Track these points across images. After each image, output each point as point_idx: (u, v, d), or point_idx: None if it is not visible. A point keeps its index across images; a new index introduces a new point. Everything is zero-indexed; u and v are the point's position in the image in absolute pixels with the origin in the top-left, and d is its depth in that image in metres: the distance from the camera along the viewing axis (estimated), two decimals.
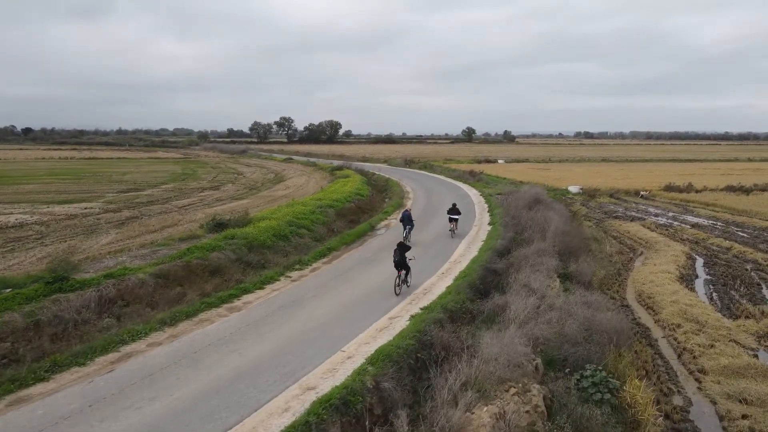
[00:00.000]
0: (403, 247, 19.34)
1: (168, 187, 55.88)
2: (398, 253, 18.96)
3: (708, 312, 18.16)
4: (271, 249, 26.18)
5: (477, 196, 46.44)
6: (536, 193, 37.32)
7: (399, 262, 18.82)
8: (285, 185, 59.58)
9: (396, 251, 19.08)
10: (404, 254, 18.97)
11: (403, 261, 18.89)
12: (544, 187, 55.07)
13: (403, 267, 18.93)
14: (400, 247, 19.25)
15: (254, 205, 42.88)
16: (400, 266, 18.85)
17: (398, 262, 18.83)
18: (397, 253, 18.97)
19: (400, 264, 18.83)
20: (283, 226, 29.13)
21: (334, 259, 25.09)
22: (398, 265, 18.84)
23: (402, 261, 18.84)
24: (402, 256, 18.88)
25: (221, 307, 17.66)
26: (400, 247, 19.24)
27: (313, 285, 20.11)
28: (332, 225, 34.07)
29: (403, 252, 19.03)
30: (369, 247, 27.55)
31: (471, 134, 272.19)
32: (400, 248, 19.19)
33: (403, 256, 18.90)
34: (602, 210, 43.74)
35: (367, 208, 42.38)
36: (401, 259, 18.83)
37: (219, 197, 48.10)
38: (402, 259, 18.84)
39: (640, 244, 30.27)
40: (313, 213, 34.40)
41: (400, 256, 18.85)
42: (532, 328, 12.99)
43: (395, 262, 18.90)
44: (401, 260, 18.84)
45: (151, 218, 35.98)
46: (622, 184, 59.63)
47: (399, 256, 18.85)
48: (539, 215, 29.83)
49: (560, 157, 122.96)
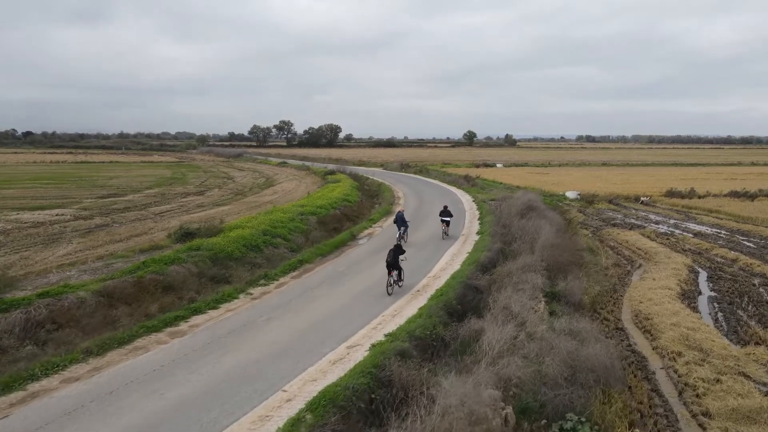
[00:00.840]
0: (398, 248, 19.56)
1: (151, 192, 53.98)
2: (392, 254, 19.12)
3: (713, 337, 16.10)
4: (239, 261, 24.21)
5: (469, 202, 44.41)
6: (529, 200, 35.29)
7: (391, 263, 18.93)
8: (273, 190, 57.65)
9: (390, 252, 19.25)
10: (398, 256, 19.17)
11: (396, 262, 19.02)
12: (540, 193, 53.04)
13: (395, 268, 19.05)
14: (395, 249, 19.41)
15: (236, 211, 40.95)
16: (392, 267, 18.94)
17: (390, 263, 18.93)
18: (391, 253, 19.13)
19: (392, 265, 18.92)
20: (256, 236, 27.20)
21: (305, 272, 23.09)
22: (390, 265, 18.93)
23: (394, 262, 18.98)
24: (395, 257, 19.05)
25: (163, 331, 15.66)
26: (395, 249, 19.42)
27: (273, 304, 18.11)
28: (312, 234, 32.10)
29: (397, 254, 19.22)
30: (345, 259, 25.55)
31: (472, 138, 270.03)
32: (394, 249, 19.36)
33: (396, 257, 19.08)
34: (600, 217, 41.68)
35: (353, 215, 40.41)
36: (394, 260, 18.96)
37: (201, 203, 46.16)
38: (395, 260, 18.99)
39: (638, 256, 28.19)
40: (292, 221, 32.45)
41: (393, 257, 18.99)
42: (506, 366, 10.96)
43: (387, 262, 19.01)
44: (394, 261, 18.96)
45: (122, 226, 34.04)
46: (622, 189, 57.56)
47: (392, 257, 18.99)
48: (530, 224, 27.83)
49: (560, 161, 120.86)
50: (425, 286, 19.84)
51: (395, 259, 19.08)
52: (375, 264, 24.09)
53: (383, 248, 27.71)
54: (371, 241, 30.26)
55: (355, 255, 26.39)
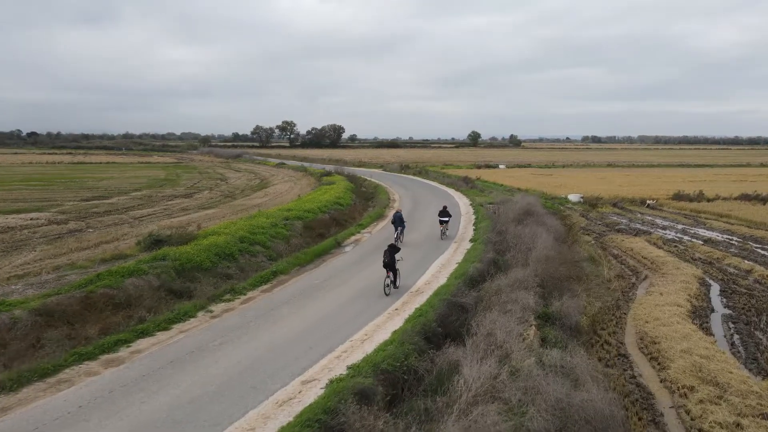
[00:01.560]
0: (393, 248, 19.32)
1: (138, 195, 52.15)
2: (388, 254, 18.95)
3: (730, 367, 13.98)
4: (208, 272, 22.24)
5: (466, 206, 42.32)
6: (528, 204, 33.17)
7: (388, 263, 18.82)
8: (265, 192, 55.72)
9: (386, 252, 19.09)
10: (393, 256, 18.98)
11: (392, 262, 18.90)
12: (541, 196, 50.90)
13: (392, 268, 18.96)
14: (390, 249, 19.23)
15: (221, 215, 39.05)
16: (389, 267, 18.87)
17: (387, 264, 18.83)
18: (387, 254, 18.97)
19: (389, 265, 18.85)
20: (231, 243, 25.25)
21: (277, 285, 21.09)
22: (387, 266, 18.85)
23: (391, 262, 18.86)
24: (391, 257, 18.88)
25: (98, 359, 13.68)
26: (390, 249, 19.23)
27: (232, 325, 16.11)
28: (295, 240, 30.11)
29: (393, 253, 19.01)
30: (324, 269, 23.53)
31: (476, 139, 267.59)
32: (390, 249, 19.18)
33: (392, 257, 18.90)
34: (604, 222, 39.48)
35: (343, 219, 38.38)
36: (390, 261, 18.84)
37: (187, 206, 44.27)
38: (391, 260, 18.85)
39: (644, 266, 26.04)
40: (274, 226, 30.48)
41: (389, 258, 18.85)
42: (480, 418, 8.90)
43: (384, 263, 18.89)
44: (390, 261, 18.84)
45: (96, 232, 32.17)
46: (628, 192, 55.29)
47: (389, 258, 18.85)
48: (527, 231, 25.75)
49: (564, 162, 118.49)
50: (405, 304, 17.79)
51: (392, 259, 18.89)
52: (355, 275, 22.08)
53: (368, 257, 25.76)
54: (357, 248, 28.24)
55: (336, 265, 24.38)
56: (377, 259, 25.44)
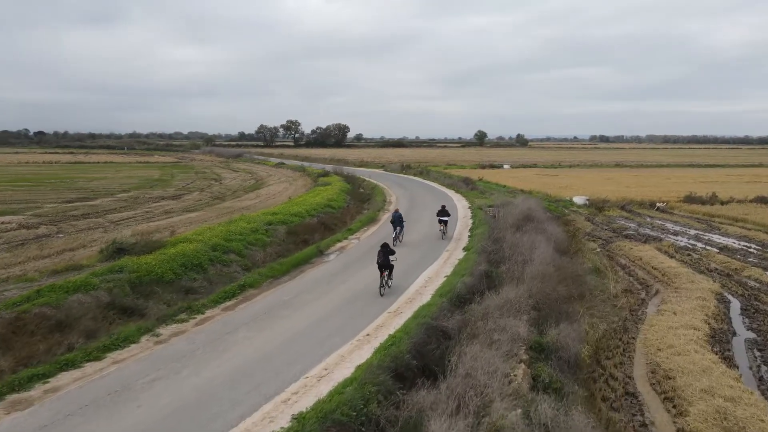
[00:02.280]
0: (386, 248, 19.21)
1: (125, 196, 50.11)
2: (382, 254, 18.88)
3: (761, 413, 11.54)
4: (169, 286, 20.07)
5: (464, 209, 39.96)
6: (528, 209, 30.77)
7: (382, 263, 18.76)
8: (257, 194, 53.56)
9: (380, 252, 19.03)
10: (388, 256, 18.93)
11: (387, 262, 18.85)
12: (545, 198, 48.45)
13: (386, 268, 18.92)
14: (384, 249, 19.11)
15: (204, 218, 36.90)
16: (384, 267, 18.81)
17: (381, 264, 18.77)
18: (381, 254, 18.91)
19: (384, 265, 18.79)
20: (202, 252, 23.10)
21: (244, 301, 18.86)
22: (381, 266, 18.79)
23: (385, 262, 18.81)
24: (386, 257, 18.83)
25: (5, 400, 11.47)
26: (383, 249, 19.11)
27: (175, 353, 13.88)
28: (276, 248, 27.90)
29: (387, 254, 18.95)
30: (299, 282, 21.27)
31: (482, 138, 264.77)
32: (383, 249, 19.07)
33: (386, 257, 18.86)
34: (610, 226, 36.98)
35: (333, 223, 36.11)
36: (385, 261, 18.79)
37: (171, 209, 42.15)
38: (386, 260, 18.80)
39: (655, 278, 23.59)
40: (254, 232, 28.32)
41: (383, 258, 18.79)
42: None
43: (378, 263, 18.85)
44: (385, 261, 18.79)
45: (65, 237, 30.08)
46: (636, 194, 52.65)
47: (383, 258, 18.79)
48: (525, 239, 23.40)
49: (571, 161, 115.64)
50: (379, 328, 15.48)
51: (386, 259, 18.84)
52: (333, 289, 19.81)
53: (351, 267, 23.50)
54: (341, 257, 25.97)
55: (315, 276, 22.10)
56: (361, 268, 23.27)
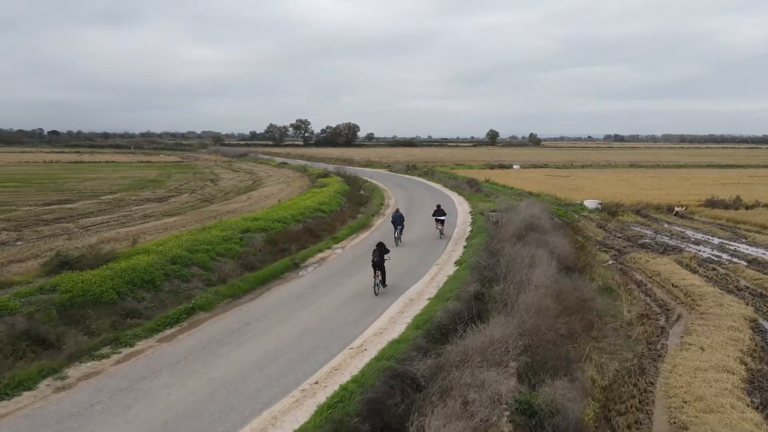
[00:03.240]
0: (382, 248, 19.10)
1: (109, 198, 47.58)
2: (377, 253, 18.81)
3: None
4: (108, 307, 17.34)
5: (464, 214, 36.88)
6: (532, 216, 27.59)
7: (377, 263, 18.68)
8: (248, 196, 50.79)
9: (375, 251, 18.94)
10: (383, 255, 18.85)
11: (381, 262, 18.78)
12: (554, 201, 45.16)
13: (380, 268, 18.78)
14: (379, 248, 19.01)
15: (182, 224, 34.17)
16: (378, 267, 18.71)
17: (376, 263, 18.69)
18: (376, 253, 18.82)
19: (378, 265, 18.69)
20: (157, 266, 20.40)
21: (189, 328, 16.03)
22: (376, 265, 18.70)
23: (380, 262, 18.74)
24: (381, 257, 18.76)
25: None
26: (379, 248, 19.01)
27: (70, 408, 11.03)
28: (250, 258, 25.07)
29: (382, 253, 18.88)
30: (262, 303, 18.37)
31: (494, 137, 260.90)
32: (379, 249, 18.96)
33: (381, 257, 18.78)
34: (625, 234, 33.65)
35: (321, 230, 33.22)
36: (380, 260, 18.71)
37: (152, 213, 39.47)
38: (380, 260, 18.74)
39: (676, 299, 20.36)
40: (226, 241, 25.58)
41: (379, 257, 18.71)
42: None
43: (373, 262, 18.75)
44: (379, 261, 18.71)
45: (21, 245, 27.43)
46: (653, 197, 49.10)
47: (378, 257, 18.71)
48: (526, 253, 20.31)
49: (584, 161, 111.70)
50: (333, 372, 12.49)
51: (381, 258, 18.75)
52: (292, 316, 16.88)
53: (324, 284, 20.58)
54: (318, 271, 23.04)
55: (279, 297, 19.20)
56: (336, 285, 20.33)
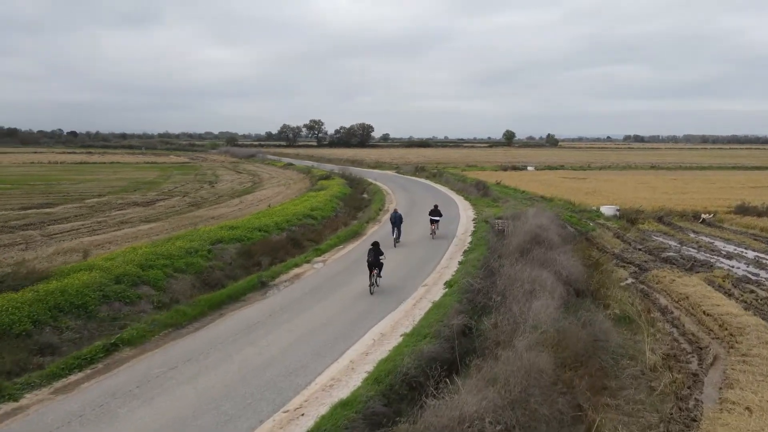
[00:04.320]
0: (377, 247, 19.08)
1: (94, 202, 45.01)
2: (372, 253, 18.89)
3: None
4: (19, 341, 14.48)
5: (467, 222, 33.52)
6: (540, 226, 24.17)
7: (372, 262, 18.77)
8: (241, 200, 47.91)
9: (370, 251, 19.05)
10: (378, 255, 18.89)
11: (377, 261, 18.84)
12: (567, 207, 41.55)
13: (376, 266, 18.86)
14: (375, 247, 19.06)
15: (156, 231, 31.37)
16: (374, 266, 18.79)
17: (372, 262, 18.77)
18: (371, 253, 18.91)
19: (374, 264, 18.77)
20: (94, 287, 17.66)
21: (104, 371, 13.04)
22: (371, 265, 18.78)
23: (375, 261, 18.80)
24: (376, 257, 18.83)
25: None
26: (374, 247, 19.07)
27: None
28: (216, 274, 22.12)
29: (377, 253, 18.92)
30: (204, 336, 15.30)
31: (510, 138, 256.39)
32: (374, 248, 19.02)
33: (377, 257, 18.84)
34: (646, 246, 30.00)
35: (307, 239, 30.19)
36: (375, 260, 18.79)
37: (131, 218, 36.73)
38: (375, 259, 18.81)
39: (710, 332, 16.84)
40: (190, 254, 22.73)
41: (374, 257, 18.79)
42: None
43: (368, 262, 18.88)
44: (375, 260, 18.79)
45: None
46: (676, 202, 45.23)
47: (373, 257, 18.80)
48: (527, 275, 16.97)
49: (602, 163, 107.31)
50: None
51: (376, 258, 18.85)
52: (234, 353, 13.74)
53: (290, 309, 17.39)
54: (287, 291, 19.91)
55: (231, 327, 16.09)
56: (303, 310, 17.14)
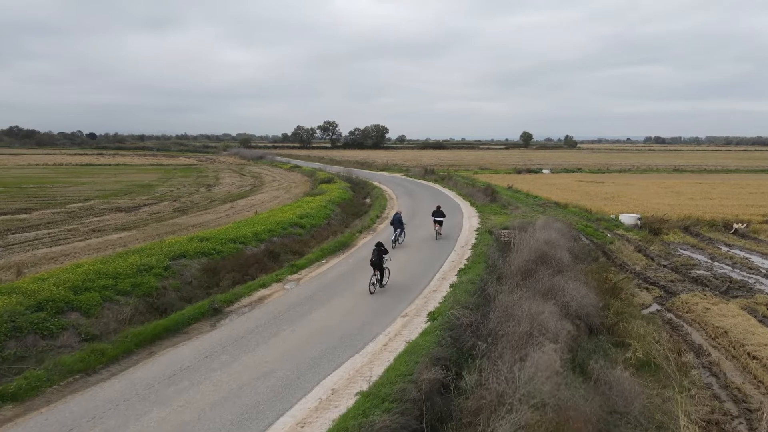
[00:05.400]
0: (381, 248, 18.74)
1: (78, 206, 42.40)
2: (376, 253, 18.55)
3: None
4: None
5: (470, 232, 30.08)
6: (548, 240, 20.73)
7: (375, 262, 18.48)
8: (232, 205, 44.96)
9: (374, 251, 18.67)
10: (381, 256, 18.58)
11: (380, 262, 18.55)
12: (583, 215, 37.90)
13: (379, 268, 18.59)
14: (378, 248, 18.69)
15: (126, 241, 28.59)
16: (376, 266, 18.52)
17: (374, 263, 18.49)
18: (375, 253, 18.57)
19: (376, 264, 18.50)
20: (6, 315, 14.59)
21: None
22: (374, 265, 18.50)
23: (378, 262, 18.51)
24: (380, 257, 18.52)
25: None
26: (378, 248, 18.70)
27: None
28: (165, 297, 19.02)
29: (381, 253, 18.58)
30: (115, 388, 12.14)
31: (527, 139, 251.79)
32: (378, 249, 18.67)
33: (380, 257, 18.53)
34: (672, 262, 26.35)
35: (290, 251, 27.07)
36: (378, 260, 18.49)
37: (104, 226, 33.95)
38: (379, 260, 18.51)
39: (758, 385, 13.35)
40: (142, 272, 19.71)
41: (377, 257, 18.48)
42: None
43: (372, 261, 18.57)
44: (378, 261, 18.49)
45: None
46: (703, 209, 41.32)
47: (377, 257, 18.48)
48: (525, 309, 13.62)
49: (622, 165, 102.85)
50: None
51: (380, 258, 18.51)
52: (141, 416, 10.51)
53: (237, 344, 14.12)
54: (242, 320, 16.68)
55: (150, 374, 12.92)
56: (249, 350, 13.58)
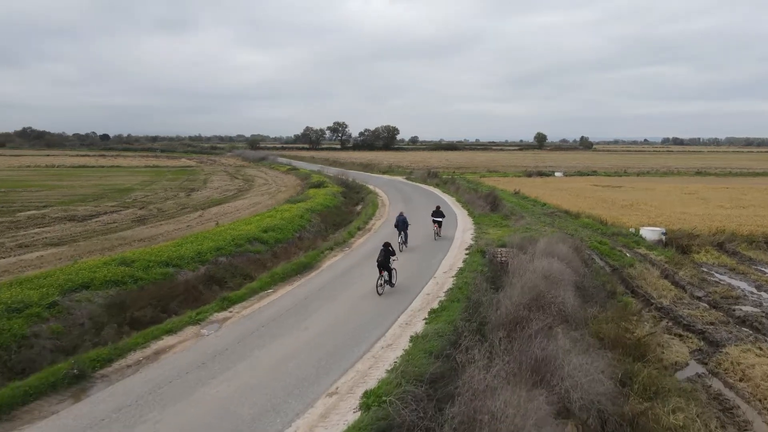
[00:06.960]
0: (388, 248, 18.58)
1: (29, 214, 38.21)
2: (383, 253, 18.42)
3: None
4: None
5: (459, 250, 25.09)
6: (547, 274, 15.72)
7: (382, 263, 18.30)
8: (202, 213, 40.30)
9: (381, 251, 18.50)
10: (388, 256, 18.40)
11: (386, 263, 18.35)
12: (597, 227, 32.63)
13: (386, 268, 18.41)
14: (385, 248, 18.54)
15: (49, 261, 23.98)
16: (383, 267, 18.33)
17: (381, 263, 18.31)
18: (382, 253, 18.43)
19: (383, 265, 18.30)
20: None
21: None
22: (381, 265, 18.32)
23: (385, 262, 18.33)
24: (386, 258, 18.35)
25: None
26: (385, 248, 18.54)
27: None
28: (28, 353, 14.38)
29: (388, 254, 18.41)
30: None
31: (542, 140, 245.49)
32: (385, 249, 18.52)
33: (387, 257, 18.36)
34: (707, 292, 21.11)
35: (240, 274, 22.38)
36: (385, 260, 18.31)
37: (35, 241, 29.43)
38: (386, 260, 18.33)
39: None
40: (9, 312, 15.10)
41: (384, 257, 18.33)
42: None
43: (378, 262, 18.40)
44: (384, 261, 18.31)
45: None
46: (737, 219, 35.76)
47: (383, 257, 18.33)
48: (497, 408, 8.63)
49: (640, 168, 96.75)
50: None
51: (386, 259, 18.31)
52: None
53: (145, 414, 9.49)
54: (122, 387, 11.96)
55: None
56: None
